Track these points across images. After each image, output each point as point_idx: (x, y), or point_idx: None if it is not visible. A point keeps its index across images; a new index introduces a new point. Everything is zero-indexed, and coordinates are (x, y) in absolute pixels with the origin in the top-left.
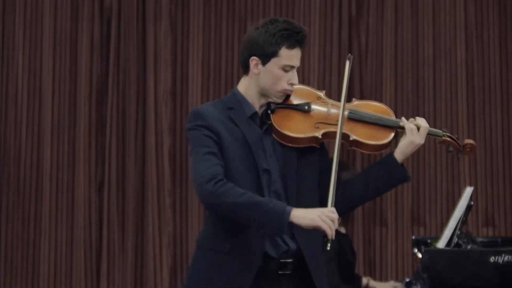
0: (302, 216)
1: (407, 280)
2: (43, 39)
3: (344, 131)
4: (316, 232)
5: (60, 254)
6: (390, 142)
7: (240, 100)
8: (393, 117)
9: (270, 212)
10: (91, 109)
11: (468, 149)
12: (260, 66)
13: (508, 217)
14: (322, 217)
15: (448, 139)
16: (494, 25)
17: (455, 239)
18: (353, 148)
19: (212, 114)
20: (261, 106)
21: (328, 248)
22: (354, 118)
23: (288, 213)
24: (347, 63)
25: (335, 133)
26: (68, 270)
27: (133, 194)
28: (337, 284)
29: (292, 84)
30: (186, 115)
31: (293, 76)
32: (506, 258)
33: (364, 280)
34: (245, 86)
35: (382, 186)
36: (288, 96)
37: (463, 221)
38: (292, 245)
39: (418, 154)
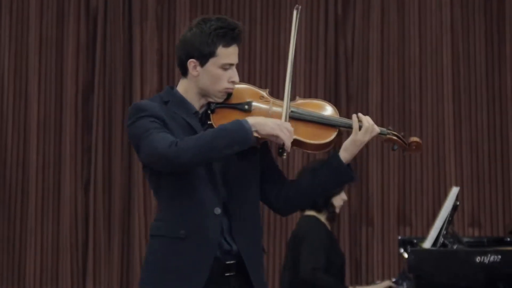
0: (262, 123)
1: (393, 280)
2: (29, 39)
3: None
4: (254, 232)
5: (46, 253)
6: (332, 141)
7: (181, 99)
8: (336, 116)
9: (233, 131)
10: (77, 109)
11: (414, 147)
12: (198, 67)
13: (494, 217)
14: (281, 127)
15: (393, 137)
16: (479, 26)
17: (441, 239)
18: (295, 147)
19: (152, 105)
20: (201, 107)
21: (284, 156)
22: (296, 117)
23: (247, 123)
24: (295, 13)
25: None
26: (54, 269)
27: (119, 194)
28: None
29: (233, 82)
30: None
31: (233, 73)
32: (491, 258)
33: None
34: (184, 88)
35: (328, 185)
36: (229, 96)
37: (449, 221)
38: (234, 246)
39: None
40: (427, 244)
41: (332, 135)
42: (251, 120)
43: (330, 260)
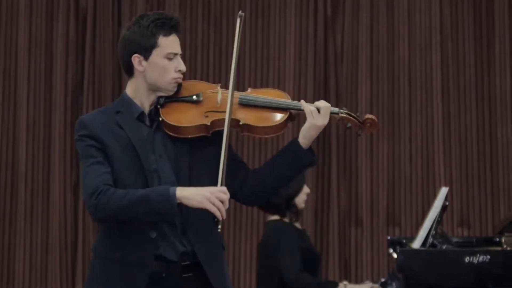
0: (190, 197)
1: (383, 280)
2: (18, 39)
3: (233, 117)
4: (210, 231)
5: (35, 254)
6: (282, 124)
7: (128, 102)
8: (288, 100)
9: (156, 202)
10: (66, 109)
11: (369, 125)
12: (143, 62)
13: (483, 217)
14: (211, 199)
15: (346, 115)
16: (469, 27)
17: (430, 239)
18: (246, 133)
19: (96, 122)
20: (151, 104)
21: (219, 229)
22: (245, 103)
23: (174, 196)
24: (238, 21)
25: (223, 120)
26: (44, 270)
27: None
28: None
29: (180, 71)
30: None
31: (179, 62)
32: (480, 258)
33: (341, 286)
34: (133, 88)
35: (288, 171)
36: (179, 90)
37: (438, 221)
38: (189, 247)
39: (393, 154)
40: (416, 244)
41: (282, 118)
42: (179, 192)
43: (304, 259)
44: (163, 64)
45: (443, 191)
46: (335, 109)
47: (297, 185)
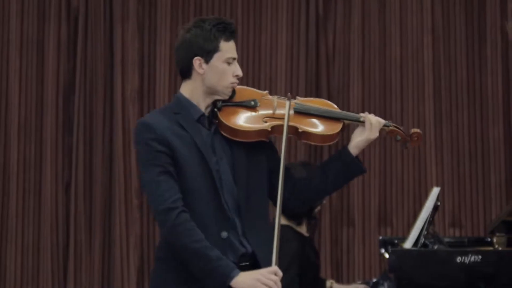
0: (243, 284)
1: (374, 280)
2: (9, 39)
3: (292, 123)
4: (266, 232)
5: (27, 254)
6: (338, 133)
7: (186, 105)
8: (337, 110)
9: (215, 271)
10: (58, 109)
11: (416, 138)
12: (204, 65)
13: (475, 217)
14: (263, 280)
15: (395, 128)
16: (460, 27)
17: (422, 240)
18: (303, 140)
19: (160, 123)
20: (207, 107)
21: None
22: (301, 111)
23: (231, 278)
24: (287, 104)
25: (282, 126)
26: (35, 270)
27: (100, 195)
28: None
29: (237, 76)
30: None
31: (237, 68)
32: (472, 258)
33: (328, 283)
34: (190, 90)
35: (339, 180)
36: (233, 95)
37: (430, 221)
38: (249, 248)
39: (385, 154)
40: (408, 244)
41: (337, 128)
42: (237, 278)
43: (302, 267)
44: (222, 68)
45: (435, 191)
46: (386, 122)
47: None
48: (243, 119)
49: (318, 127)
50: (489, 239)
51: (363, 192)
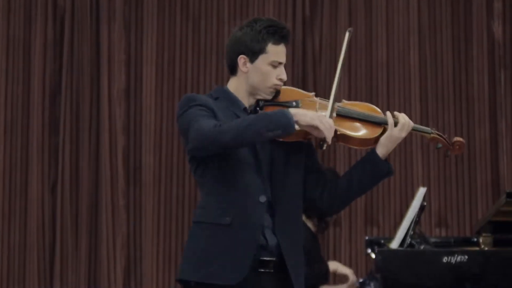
0: (303, 113)
1: (361, 280)
2: None
3: None
4: (296, 231)
5: (13, 254)
6: (377, 138)
7: (231, 97)
8: (381, 115)
9: (275, 116)
10: (44, 109)
11: (457, 147)
12: (248, 64)
13: (461, 217)
14: (322, 119)
15: (438, 136)
16: (447, 28)
17: (408, 240)
18: (341, 143)
19: (203, 97)
20: (249, 106)
21: (324, 148)
22: (342, 114)
23: (289, 112)
24: (347, 35)
25: None
26: (22, 270)
27: (87, 195)
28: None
29: (281, 79)
30: (140, 115)
31: (282, 71)
32: (458, 258)
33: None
34: (235, 86)
35: (367, 182)
36: (277, 95)
37: (416, 221)
38: (272, 241)
39: None
40: (394, 244)
41: (377, 132)
42: (292, 110)
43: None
44: (266, 70)
45: (421, 191)
46: (427, 129)
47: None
48: None
49: (358, 130)
50: (475, 239)
51: None
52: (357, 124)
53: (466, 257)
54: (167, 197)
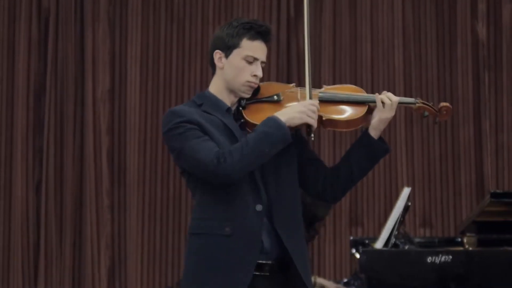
0: (291, 116)
1: (345, 280)
2: None
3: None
4: (298, 228)
5: None
6: (364, 117)
7: (211, 98)
8: (363, 93)
9: (272, 134)
10: (28, 109)
11: (445, 112)
12: (223, 59)
13: (445, 217)
14: (308, 112)
15: (422, 105)
16: (431, 28)
17: (393, 240)
18: (328, 128)
19: (188, 111)
20: (232, 105)
21: (312, 135)
22: (325, 99)
23: (281, 121)
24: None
25: None
26: (5, 270)
27: (71, 195)
28: None
29: (256, 76)
30: (124, 116)
31: (257, 68)
32: (443, 258)
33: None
34: (215, 85)
35: (366, 165)
36: (258, 92)
37: (401, 221)
38: (267, 243)
39: None
40: (379, 244)
41: (362, 111)
42: (280, 116)
43: None
44: (240, 65)
45: (406, 191)
46: (411, 100)
47: (326, 210)
48: (267, 114)
49: (343, 113)
50: (459, 239)
51: None
52: (341, 107)
53: (450, 257)
54: (151, 198)
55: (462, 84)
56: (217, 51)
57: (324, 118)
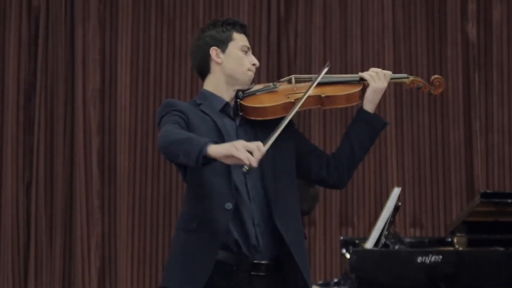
0: (218, 148)
1: (335, 280)
2: None
3: (313, 94)
4: (296, 220)
5: None
6: (361, 92)
7: (209, 97)
8: (356, 75)
9: (193, 145)
10: (18, 109)
11: (438, 83)
12: (221, 54)
13: (435, 218)
14: (238, 146)
15: (415, 78)
16: (421, 28)
17: (383, 240)
18: (327, 107)
19: (182, 104)
20: (231, 100)
21: (245, 170)
22: (321, 82)
23: (207, 145)
24: (326, 69)
25: (306, 98)
26: None
27: (61, 195)
28: None
29: (254, 65)
30: (114, 115)
31: (252, 57)
32: (433, 258)
33: None
34: (212, 82)
35: (367, 142)
36: (252, 87)
37: (391, 221)
38: (262, 242)
39: None
40: (369, 244)
41: (358, 87)
42: (212, 145)
43: None
44: (239, 55)
45: (396, 191)
46: (403, 75)
47: (313, 204)
48: (267, 99)
49: (340, 90)
50: (449, 240)
51: (324, 192)
52: (338, 86)
53: (441, 257)
54: (141, 197)
55: (452, 84)
56: (213, 47)
57: (323, 96)
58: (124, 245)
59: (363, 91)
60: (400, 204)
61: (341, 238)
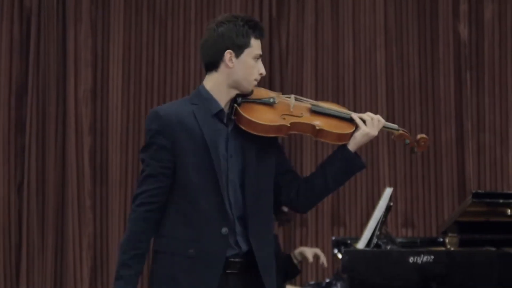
0: None
1: (327, 280)
2: None
3: (309, 122)
4: (268, 235)
5: None
6: (352, 133)
7: (207, 98)
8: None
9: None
10: (10, 109)
11: (423, 143)
12: (234, 59)
13: (427, 218)
14: None
15: (404, 133)
16: (413, 28)
17: (375, 240)
18: (318, 139)
19: (171, 115)
20: (227, 103)
21: None
22: (317, 111)
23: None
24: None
25: (301, 124)
26: None
27: (53, 195)
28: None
29: (261, 74)
30: (106, 115)
31: (261, 66)
32: (425, 259)
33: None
34: (214, 82)
35: (342, 178)
36: (250, 93)
37: (383, 221)
38: (244, 247)
39: None
40: (361, 244)
41: (352, 128)
42: None
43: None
44: (251, 64)
45: (388, 191)
46: (395, 126)
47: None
48: (263, 114)
49: (334, 126)
50: (441, 240)
51: None
52: (332, 121)
53: (432, 257)
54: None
55: (444, 84)
56: (228, 50)
57: (317, 128)
58: (116, 245)
59: (356, 131)
60: (392, 204)
61: (333, 238)
